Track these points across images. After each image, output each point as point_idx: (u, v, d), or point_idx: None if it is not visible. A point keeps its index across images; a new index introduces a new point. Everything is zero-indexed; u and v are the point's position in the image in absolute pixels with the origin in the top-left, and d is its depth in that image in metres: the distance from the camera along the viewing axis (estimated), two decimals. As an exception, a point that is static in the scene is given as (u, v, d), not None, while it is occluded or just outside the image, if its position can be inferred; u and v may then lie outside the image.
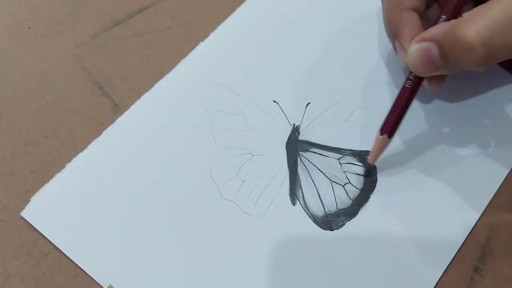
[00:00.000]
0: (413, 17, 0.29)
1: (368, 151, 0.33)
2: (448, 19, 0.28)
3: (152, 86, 0.34)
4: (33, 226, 0.31)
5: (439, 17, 0.29)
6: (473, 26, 0.24)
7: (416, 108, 0.34)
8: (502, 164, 0.32)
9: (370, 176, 0.32)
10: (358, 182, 0.32)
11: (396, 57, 0.35)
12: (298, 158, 0.33)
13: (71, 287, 0.30)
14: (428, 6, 0.31)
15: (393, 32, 0.30)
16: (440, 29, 0.26)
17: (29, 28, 0.36)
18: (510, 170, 0.32)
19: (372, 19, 0.37)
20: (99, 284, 0.30)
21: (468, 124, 0.33)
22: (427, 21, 0.31)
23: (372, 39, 0.36)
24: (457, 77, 0.33)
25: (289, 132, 0.34)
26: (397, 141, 0.33)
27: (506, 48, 0.25)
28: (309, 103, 0.34)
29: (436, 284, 0.30)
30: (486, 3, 0.25)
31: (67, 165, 0.32)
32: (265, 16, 0.37)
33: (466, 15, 0.25)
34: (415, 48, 0.27)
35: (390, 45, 0.36)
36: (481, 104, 0.34)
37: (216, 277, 0.30)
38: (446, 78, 0.31)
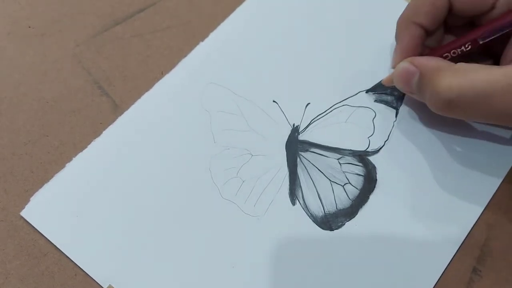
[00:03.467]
0: (418, 32, 0.31)
1: (368, 151, 0.33)
2: (441, 53, 0.30)
3: (152, 86, 0.34)
4: (32, 226, 0.31)
5: (442, 48, 0.30)
6: (449, 79, 0.26)
7: (416, 109, 0.34)
8: (501, 165, 0.32)
9: (369, 176, 0.32)
10: (357, 182, 0.32)
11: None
12: (298, 158, 0.33)
13: (71, 287, 0.30)
14: (436, 30, 0.32)
15: (397, 36, 0.32)
16: (430, 63, 0.28)
17: (29, 27, 0.36)
18: (509, 171, 0.32)
19: (372, 19, 0.37)
20: (98, 284, 0.30)
21: (468, 124, 0.33)
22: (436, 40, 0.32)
23: (372, 39, 0.36)
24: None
25: (289, 132, 0.34)
26: (397, 141, 0.33)
27: (462, 114, 0.27)
28: (309, 103, 0.34)
29: (435, 285, 0.30)
30: (481, 66, 0.26)
31: (67, 165, 0.32)
32: (265, 16, 0.37)
33: (458, 65, 0.27)
34: (402, 66, 0.30)
35: (390, 45, 0.36)
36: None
37: (216, 277, 0.30)
38: None
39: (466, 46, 0.29)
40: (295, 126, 0.34)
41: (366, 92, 0.34)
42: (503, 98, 0.25)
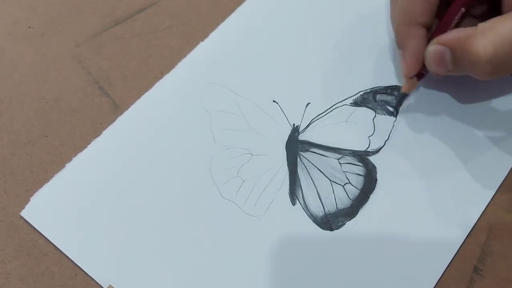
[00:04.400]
0: (420, 32, 0.30)
1: (368, 151, 0.33)
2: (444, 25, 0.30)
3: (152, 86, 0.34)
4: (32, 226, 0.31)
5: (444, 24, 0.30)
6: (481, 41, 0.26)
7: (416, 108, 0.34)
8: (502, 164, 0.32)
9: (370, 176, 0.32)
10: (358, 182, 0.32)
11: (395, 59, 0.35)
12: (298, 158, 0.33)
13: (71, 287, 0.30)
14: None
15: (400, 43, 0.31)
16: (455, 35, 0.28)
17: (29, 27, 0.36)
18: (510, 170, 0.32)
19: (372, 19, 0.37)
20: (99, 284, 0.30)
21: (468, 124, 0.33)
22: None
23: (372, 39, 0.36)
24: (457, 78, 0.33)
25: (289, 132, 0.34)
26: (397, 141, 0.33)
27: (509, 68, 0.27)
28: (309, 103, 0.34)
29: (435, 284, 0.30)
30: (501, 16, 0.26)
31: (66, 165, 0.32)
32: (265, 16, 0.37)
33: (480, 26, 0.27)
34: (431, 49, 0.29)
35: (390, 45, 0.36)
36: (481, 104, 0.34)
37: (216, 277, 0.30)
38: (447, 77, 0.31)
39: (461, 11, 0.30)
40: (295, 126, 0.34)
41: (368, 93, 0.34)
42: None
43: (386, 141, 0.33)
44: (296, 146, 0.33)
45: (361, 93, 0.34)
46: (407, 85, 0.32)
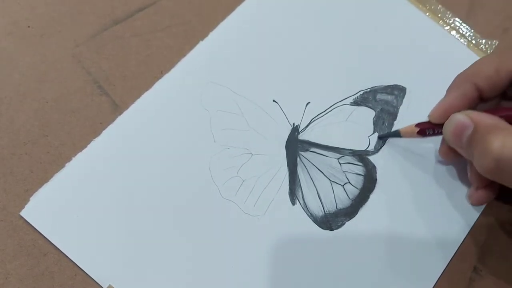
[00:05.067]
0: (470, 93, 0.29)
1: (368, 151, 0.33)
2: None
3: (152, 85, 0.34)
4: (32, 226, 0.31)
5: (498, 110, 0.28)
6: (506, 138, 0.25)
7: (416, 108, 0.34)
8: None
9: (369, 176, 0.32)
10: (357, 182, 0.32)
11: (395, 58, 0.35)
12: (298, 158, 0.33)
13: (71, 287, 0.30)
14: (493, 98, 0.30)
15: (449, 87, 0.31)
16: (487, 120, 0.27)
17: (29, 27, 0.36)
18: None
19: (372, 19, 0.37)
20: (98, 284, 0.30)
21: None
22: None
23: (372, 39, 0.36)
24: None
25: (289, 131, 0.34)
26: (397, 141, 0.33)
27: (509, 178, 0.25)
28: (308, 102, 0.34)
29: (435, 284, 0.30)
30: None
31: (66, 164, 0.32)
32: (265, 15, 0.37)
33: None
34: (457, 118, 0.28)
35: (390, 45, 0.36)
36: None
37: (215, 276, 0.30)
38: None
39: None
40: (295, 125, 0.34)
41: (368, 92, 0.34)
42: None
43: (386, 140, 0.33)
44: (296, 146, 0.33)
45: (361, 92, 0.34)
46: (406, 130, 0.31)
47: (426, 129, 0.30)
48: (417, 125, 0.30)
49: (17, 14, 0.36)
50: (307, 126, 0.34)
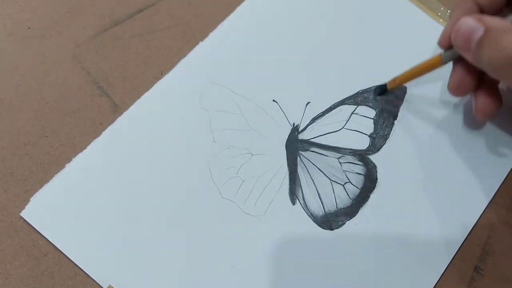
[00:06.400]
0: (470, 8, 0.29)
1: (368, 150, 0.33)
2: None
3: (152, 86, 0.34)
4: (32, 226, 0.31)
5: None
6: None
7: (416, 108, 0.34)
8: (502, 164, 0.32)
9: (370, 175, 0.32)
10: (358, 181, 0.32)
11: (395, 59, 0.35)
12: (298, 158, 0.33)
13: (71, 287, 0.30)
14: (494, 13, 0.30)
15: (452, 9, 0.31)
16: (498, 22, 0.26)
17: (29, 28, 0.36)
18: (510, 170, 0.32)
19: (372, 19, 0.37)
20: (98, 284, 0.30)
21: (468, 124, 0.33)
22: None
23: (372, 38, 0.36)
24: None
25: (289, 131, 0.34)
26: (397, 140, 0.33)
27: None
28: (308, 102, 0.34)
29: (436, 284, 0.30)
30: None
31: (66, 165, 0.32)
32: (265, 15, 0.37)
33: None
34: (466, 21, 0.27)
35: (391, 44, 0.36)
36: None
37: (215, 276, 0.30)
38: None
39: None
40: (295, 125, 0.34)
41: (369, 92, 0.34)
42: None
43: (386, 140, 0.33)
44: (296, 146, 0.33)
45: (361, 91, 0.34)
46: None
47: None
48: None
49: (17, 15, 0.37)
50: (307, 126, 0.34)
